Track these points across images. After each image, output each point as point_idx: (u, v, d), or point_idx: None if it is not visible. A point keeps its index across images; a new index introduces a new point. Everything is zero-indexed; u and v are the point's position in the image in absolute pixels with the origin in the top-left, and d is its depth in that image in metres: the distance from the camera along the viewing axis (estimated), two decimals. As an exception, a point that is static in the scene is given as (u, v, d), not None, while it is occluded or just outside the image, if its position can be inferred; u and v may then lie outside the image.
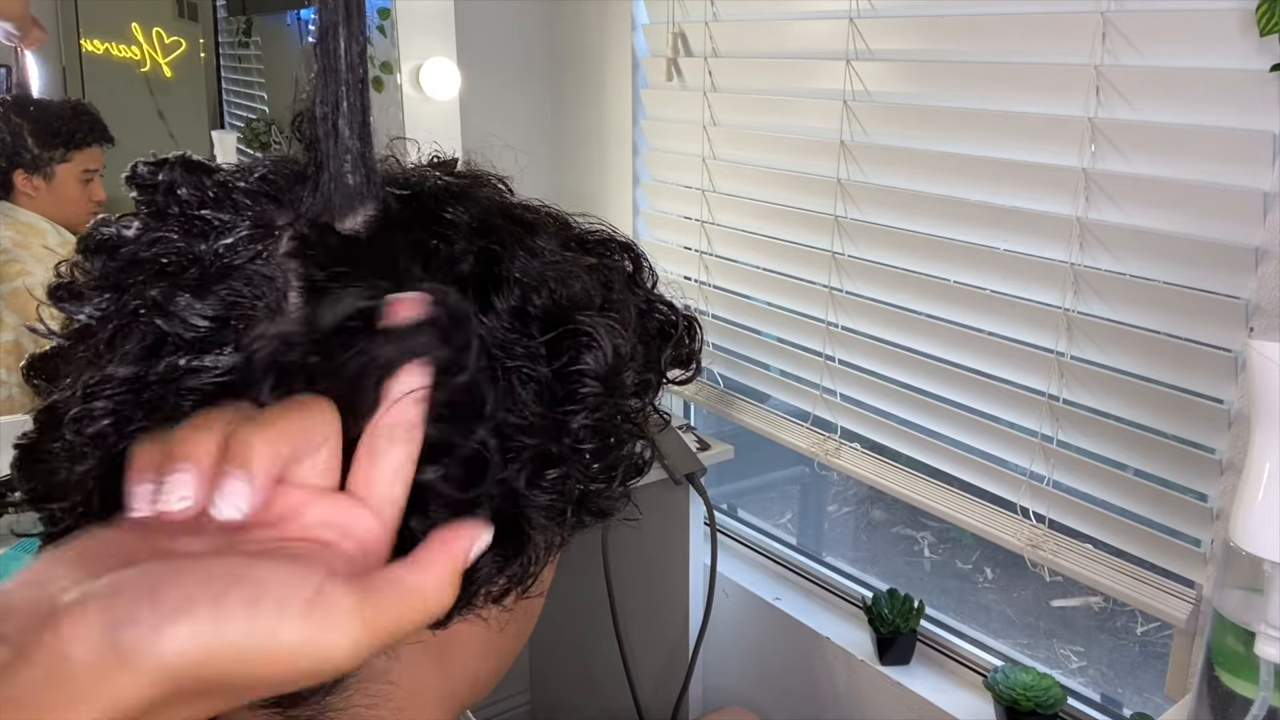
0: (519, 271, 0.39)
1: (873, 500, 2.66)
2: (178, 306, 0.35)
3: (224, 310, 0.35)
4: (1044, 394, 1.21)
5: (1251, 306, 1.01)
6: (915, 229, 1.35)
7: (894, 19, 1.35)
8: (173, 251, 0.36)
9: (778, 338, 1.65)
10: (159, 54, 1.66)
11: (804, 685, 1.67)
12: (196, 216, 0.36)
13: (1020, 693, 1.28)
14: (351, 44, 0.36)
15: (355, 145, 0.36)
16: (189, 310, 0.35)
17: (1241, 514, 0.70)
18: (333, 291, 0.35)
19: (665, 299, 0.46)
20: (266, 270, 0.35)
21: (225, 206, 0.36)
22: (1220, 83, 1.01)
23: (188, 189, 0.37)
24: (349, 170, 0.37)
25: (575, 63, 1.95)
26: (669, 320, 0.45)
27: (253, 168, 0.38)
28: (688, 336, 0.46)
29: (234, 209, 0.36)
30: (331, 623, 0.28)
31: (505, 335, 0.37)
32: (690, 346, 0.46)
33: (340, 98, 0.36)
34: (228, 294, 0.35)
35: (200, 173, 0.37)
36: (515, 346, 0.38)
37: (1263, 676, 0.69)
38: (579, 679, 2.11)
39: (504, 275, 0.38)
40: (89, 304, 0.36)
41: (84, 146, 1.56)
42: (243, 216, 0.36)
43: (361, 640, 0.28)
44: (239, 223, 0.36)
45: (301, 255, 0.36)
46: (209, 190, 0.37)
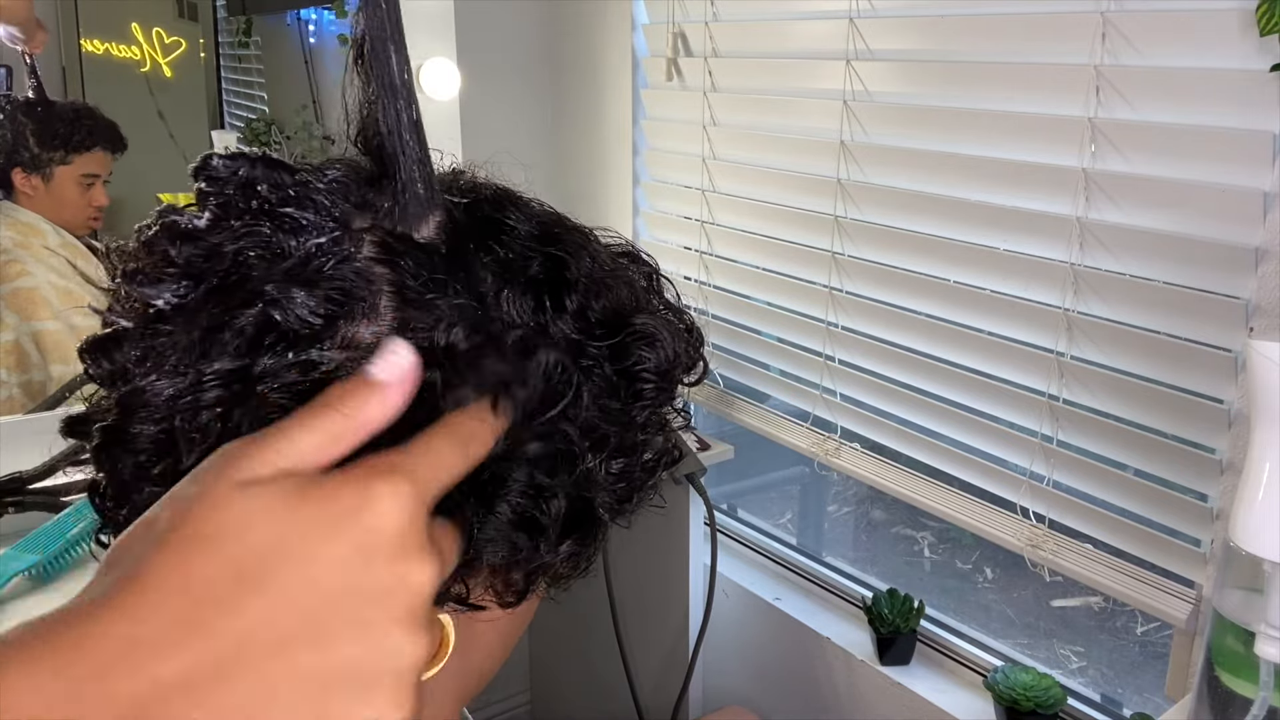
0: (584, 276, 0.41)
1: (873, 500, 2.66)
2: (294, 301, 0.35)
3: (333, 308, 0.36)
4: (1044, 394, 1.21)
5: (1251, 306, 1.01)
6: (915, 229, 1.35)
7: (894, 19, 1.35)
8: (261, 244, 0.36)
9: (778, 338, 1.65)
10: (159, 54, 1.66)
11: (804, 685, 1.67)
12: (281, 214, 0.37)
13: (1020, 693, 1.28)
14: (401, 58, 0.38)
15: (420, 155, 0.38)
16: (304, 307, 0.35)
17: (1241, 514, 0.70)
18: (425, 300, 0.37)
19: (677, 307, 0.48)
20: (365, 274, 0.37)
21: (307, 206, 0.37)
22: (1220, 83, 1.01)
23: (268, 186, 0.37)
24: (419, 180, 0.38)
25: (575, 63, 1.95)
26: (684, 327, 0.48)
27: (324, 169, 0.39)
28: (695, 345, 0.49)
29: (315, 209, 0.37)
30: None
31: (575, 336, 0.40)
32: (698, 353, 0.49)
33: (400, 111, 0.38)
34: (336, 293, 0.36)
35: (281, 170, 0.38)
36: (587, 346, 0.41)
37: (1263, 676, 0.69)
38: (579, 679, 2.11)
39: (570, 280, 0.41)
40: (167, 289, 0.36)
41: (83, 150, 1.55)
42: (325, 217, 0.37)
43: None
44: (324, 223, 0.37)
45: (389, 263, 0.37)
46: (289, 189, 0.37)
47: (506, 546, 0.40)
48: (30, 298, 1.48)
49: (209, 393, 0.35)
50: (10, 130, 1.52)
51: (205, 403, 0.35)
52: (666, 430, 0.47)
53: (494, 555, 0.40)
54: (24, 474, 1.23)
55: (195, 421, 0.35)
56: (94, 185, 1.55)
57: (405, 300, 0.37)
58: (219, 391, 0.35)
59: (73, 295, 1.50)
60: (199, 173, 0.38)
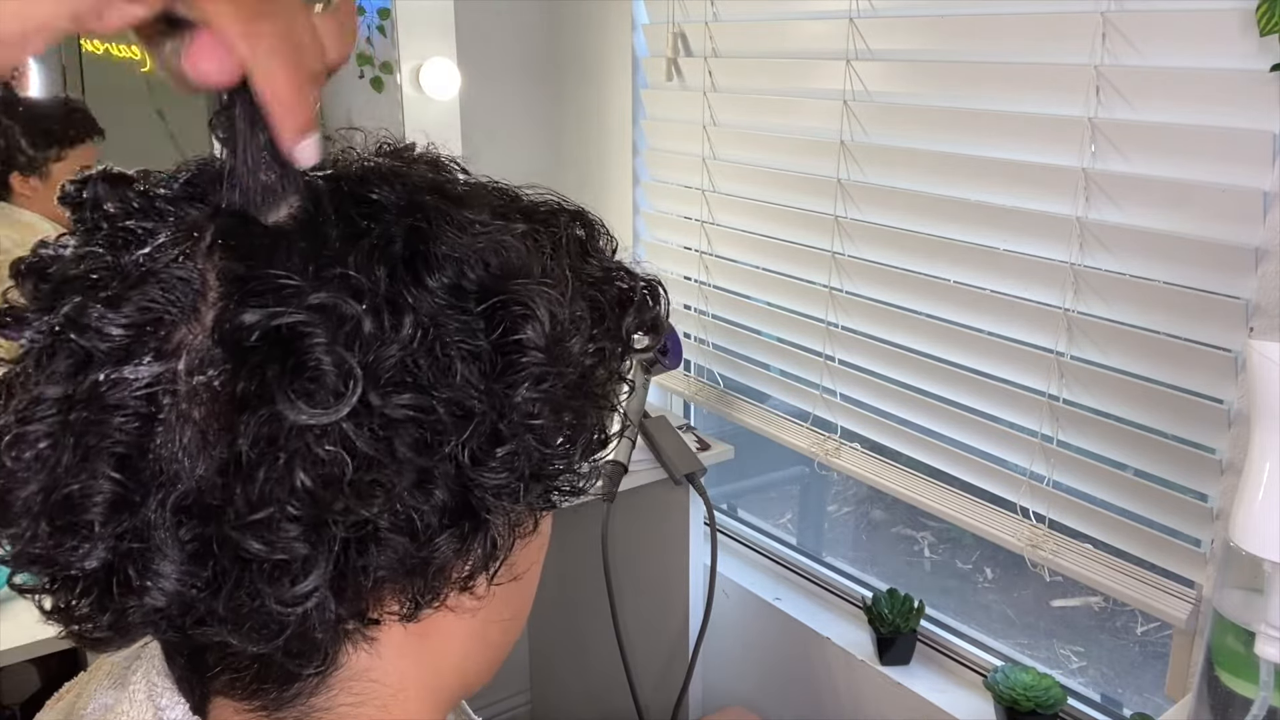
0: (447, 247, 0.38)
1: (873, 500, 2.66)
2: (90, 319, 0.34)
3: (139, 317, 0.34)
4: (1044, 394, 1.21)
5: (1251, 306, 1.01)
6: (915, 229, 1.35)
7: (894, 19, 1.35)
8: (101, 266, 0.35)
9: (778, 338, 1.65)
10: (159, 54, 1.66)
11: (804, 685, 1.67)
12: (122, 228, 0.36)
13: (1020, 693, 1.28)
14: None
15: (264, 139, 0.36)
16: (102, 321, 0.34)
17: (1241, 514, 0.70)
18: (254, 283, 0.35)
19: (624, 265, 0.45)
20: (183, 273, 0.35)
21: (150, 215, 0.36)
22: (1220, 83, 1.01)
23: (112, 202, 0.36)
24: (264, 164, 0.37)
25: (575, 63, 1.95)
26: (629, 287, 0.44)
27: (177, 173, 0.38)
28: (651, 300, 0.45)
29: (158, 216, 0.36)
30: None
31: (440, 311, 0.37)
32: (654, 311, 0.45)
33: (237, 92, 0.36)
34: (142, 300, 0.34)
35: (122, 184, 0.37)
36: (450, 322, 0.37)
37: (1263, 676, 0.69)
38: (579, 679, 2.11)
39: (432, 252, 0.38)
40: (30, 328, 0.35)
41: (77, 144, 1.55)
42: (165, 222, 0.36)
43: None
44: (160, 229, 0.36)
45: (221, 251, 0.35)
46: (132, 201, 0.36)
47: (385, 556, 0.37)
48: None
49: (32, 425, 0.34)
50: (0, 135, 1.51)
51: (29, 436, 0.34)
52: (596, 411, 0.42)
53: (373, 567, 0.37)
54: None
55: (22, 457, 0.34)
56: None
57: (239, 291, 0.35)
58: (40, 424, 0.34)
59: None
60: (60, 201, 0.37)
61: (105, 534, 0.34)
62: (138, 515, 0.34)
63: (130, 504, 0.34)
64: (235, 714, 0.41)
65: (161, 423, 0.34)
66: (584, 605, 1.95)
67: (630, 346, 0.45)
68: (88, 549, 0.34)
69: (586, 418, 0.42)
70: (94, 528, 0.34)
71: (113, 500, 0.34)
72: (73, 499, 0.34)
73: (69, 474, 0.34)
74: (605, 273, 0.44)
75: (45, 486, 0.34)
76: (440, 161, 0.44)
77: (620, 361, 0.44)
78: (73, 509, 0.34)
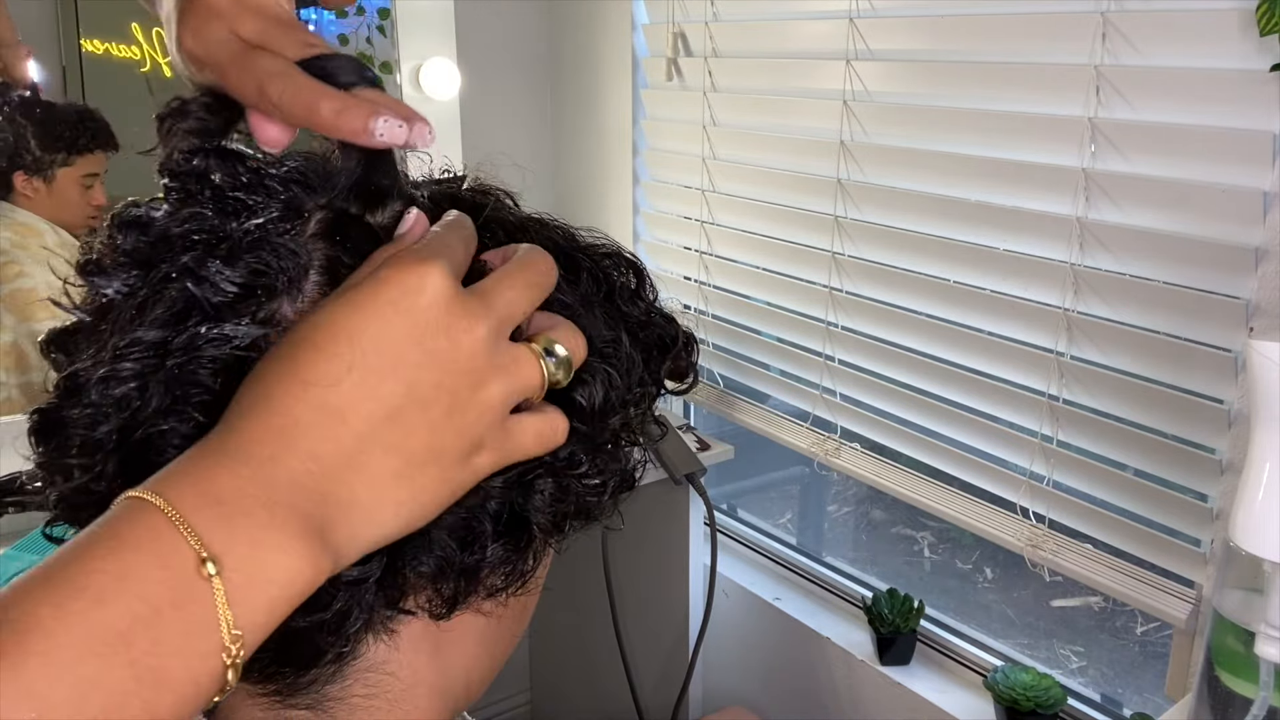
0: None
1: (873, 500, 2.66)
2: (209, 271, 0.36)
3: (250, 279, 0.36)
4: (1044, 394, 1.21)
5: (1251, 306, 1.01)
6: (915, 229, 1.35)
7: (894, 19, 1.35)
8: (206, 228, 0.37)
9: (778, 338, 1.65)
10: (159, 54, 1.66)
11: (804, 685, 1.67)
12: (230, 198, 0.38)
13: (1020, 693, 1.28)
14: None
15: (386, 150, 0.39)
16: (219, 275, 0.36)
17: (1241, 514, 0.70)
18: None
19: (665, 313, 0.47)
20: (294, 246, 0.37)
21: (258, 190, 0.38)
22: (1220, 83, 1.01)
23: (221, 174, 0.38)
24: (380, 169, 0.39)
25: (575, 63, 1.95)
26: (667, 334, 0.47)
27: (284, 159, 0.39)
28: (685, 351, 0.48)
29: (266, 193, 0.38)
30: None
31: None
32: (688, 360, 0.48)
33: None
34: (255, 263, 0.36)
35: (234, 159, 0.39)
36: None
37: (1263, 676, 0.69)
38: (579, 679, 2.11)
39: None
40: (117, 279, 0.37)
41: (86, 152, 1.55)
42: (274, 200, 0.38)
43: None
44: (271, 204, 0.38)
45: (329, 238, 0.38)
46: (241, 176, 0.38)
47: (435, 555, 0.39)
48: (28, 299, 1.48)
49: (124, 364, 0.36)
50: (10, 132, 1.51)
51: (121, 373, 0.36)
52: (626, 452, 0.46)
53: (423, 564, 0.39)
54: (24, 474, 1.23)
55: (111, 393, 0.36)
56: (93, 186, 1.56)
57: (338, 278, 0.37)
58: (133, 363, 0.36)
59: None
60: (161, 169, 0.39)
61: None
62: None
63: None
64: (248, 698, 0.42)
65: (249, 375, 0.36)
66: (584, 605, 1.95)
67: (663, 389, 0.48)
68: None
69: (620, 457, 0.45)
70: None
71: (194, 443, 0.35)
72: (153, 440, 0.36)
73: (156, 415, 0.36)
74: (649, 317, 0.46)
75: (126, 425, 0.36)
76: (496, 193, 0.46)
77: (653, 403, 0.47)
78: (152, 449, 0.36)
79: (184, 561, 0.29)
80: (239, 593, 0.30)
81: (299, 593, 0.32)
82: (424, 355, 0.34)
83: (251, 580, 0.30)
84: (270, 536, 0.31)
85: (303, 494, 0.32)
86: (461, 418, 0.35)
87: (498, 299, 0.36)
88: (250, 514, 0.31)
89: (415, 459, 0.35)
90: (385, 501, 0.34)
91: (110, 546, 0.29)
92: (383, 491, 0.34)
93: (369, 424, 0.33)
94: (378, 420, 0.34)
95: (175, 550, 0.29)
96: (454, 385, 0.35)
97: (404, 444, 0.34)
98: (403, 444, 0.34)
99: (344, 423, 0.33)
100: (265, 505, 0.31)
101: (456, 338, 0.35)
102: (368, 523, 0.34)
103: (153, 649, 0.28)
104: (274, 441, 0.32)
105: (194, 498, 0.30)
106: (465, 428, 0.36)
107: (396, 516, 0.35)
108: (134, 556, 0.29)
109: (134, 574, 0.29)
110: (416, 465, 0.35)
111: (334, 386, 0.33)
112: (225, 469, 0.31)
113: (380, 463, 0.34)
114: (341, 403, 0.33)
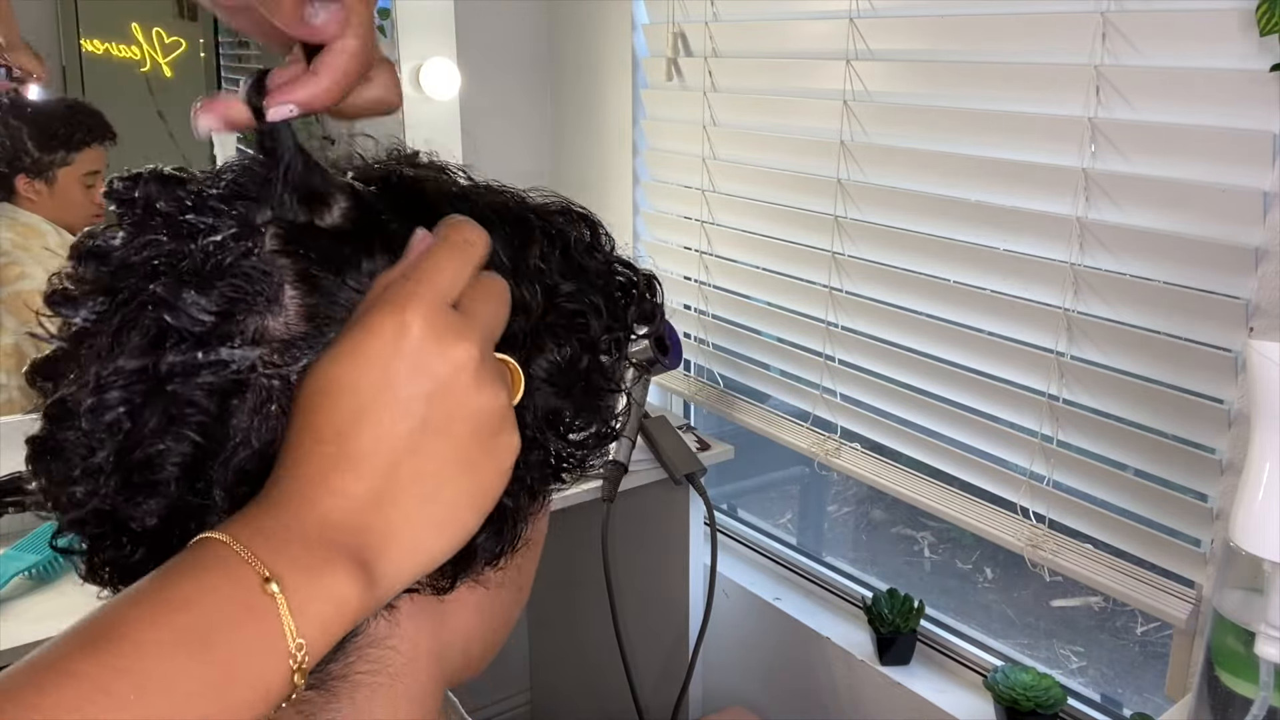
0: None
1: (873, 500, 2.66)
2: (184, 302, 0.37)
3: (226, 305, 0.37)
4: (1044, 394, 1.21)
5: (1251, 306, 1.01)
6: (915, 229, 1.35)
7: (894, 19, 1.35)
8: (164, 253, 0.38)
9: (778, 338, 1.65)
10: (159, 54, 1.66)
11: (804, 685, 1.67)
12: (181, 222, 0.39)
13: (1020, 693, 1.28)
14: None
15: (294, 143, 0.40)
16: (194, 306, 0.37)
17: (1241, 514, 0.70)
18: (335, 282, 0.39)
19: (624, 260, 0.49)
20: (261, 265, 0.38)
21: (205, 211, 0.39)
22: (1220, 83, 1.01)
23: (165, 200, 0.39)
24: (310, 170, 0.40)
25: (575, 63, 1.95)
26: (630, 280, 0.48)
27: (220, 174, 0.40)
28: (649, 292, 0.49)
29: (214, 213, 0.39)
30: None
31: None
32: (652, 301, 0.49)
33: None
34: (229, 289, 0.37)
35: (174, 184, 0.40)
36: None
37: (1263, 676, 0.69)
38: (579, 679, 2.11)
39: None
40: (84, 308, 0.39)
41: (84, 147, 1.55)
42: (224, 218, 0.39)
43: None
44: (223, 223, 0.39)
45: (292, 252, 0.39)
46: (186, 199, 0.39)
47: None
48: (30, 300, 1.47)
49: (110, 392, 0.37)
50: (6, 136, 1.51)
51: (108, 402, 0.37)
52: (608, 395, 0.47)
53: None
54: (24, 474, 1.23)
55: (101, 421, 0.37)
56: (96, 183, 1.56)
57: (314, 287, 0.38)
58: (119, 391, 0.37)
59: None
60: (106, 196, 0.40)
61: (174, 491, 0.38)
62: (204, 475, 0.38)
63: (203, 466, 0.38)
64: None
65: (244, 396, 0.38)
66: (584, 605, 1.95)
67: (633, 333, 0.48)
68: (154, 504, 0.38)
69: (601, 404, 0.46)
70: (168, 485, 0.38)
71: (190, 462, 0.38)
72: (152, 459, 0.37)
73: (152, 436, 0.37)
74: (609, 267, 0.47)
75: (122, 447, 0.37)
76: (446, 167, 0.47)
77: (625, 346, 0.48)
78: (150, 468, 0.38)
79: (250, 581, 0.32)
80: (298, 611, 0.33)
81: (351, 614, 0.34)
82: (428, 387, 0.36)
83: (307, 600, 0.33)
84: (316, 565, 0.34)
85: (341, 530, 0.35)
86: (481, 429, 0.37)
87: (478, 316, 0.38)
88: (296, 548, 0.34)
89: (445, 480, 0.37)
90: (423, 526, 0.36)
91: (185, 572, 0.33)
92: (418, 517, 0.36)
93: (390, 460, 0.35)
94: (400, 455, 0.36)
95: (242, 573, 0.33)
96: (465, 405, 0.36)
97: (431, 471, 0.36)
98: (429, 471, 0.36)
99: (365, 464, 0.35)
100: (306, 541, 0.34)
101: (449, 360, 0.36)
102: (411, 549, 0.36)
103: (228, 651, 0.32)
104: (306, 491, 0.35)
105: (249, 536, 0.34)
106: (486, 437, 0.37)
107: (440, 536, 0.37)
108: (208, 576, 0.33)
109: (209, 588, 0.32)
110: (447, 485, 0.36)
111: (346, 437, 0.35)
112: (270, 515, 0.35)
113: (410, 492, 0.36)
114: (358, 450, 0.35)
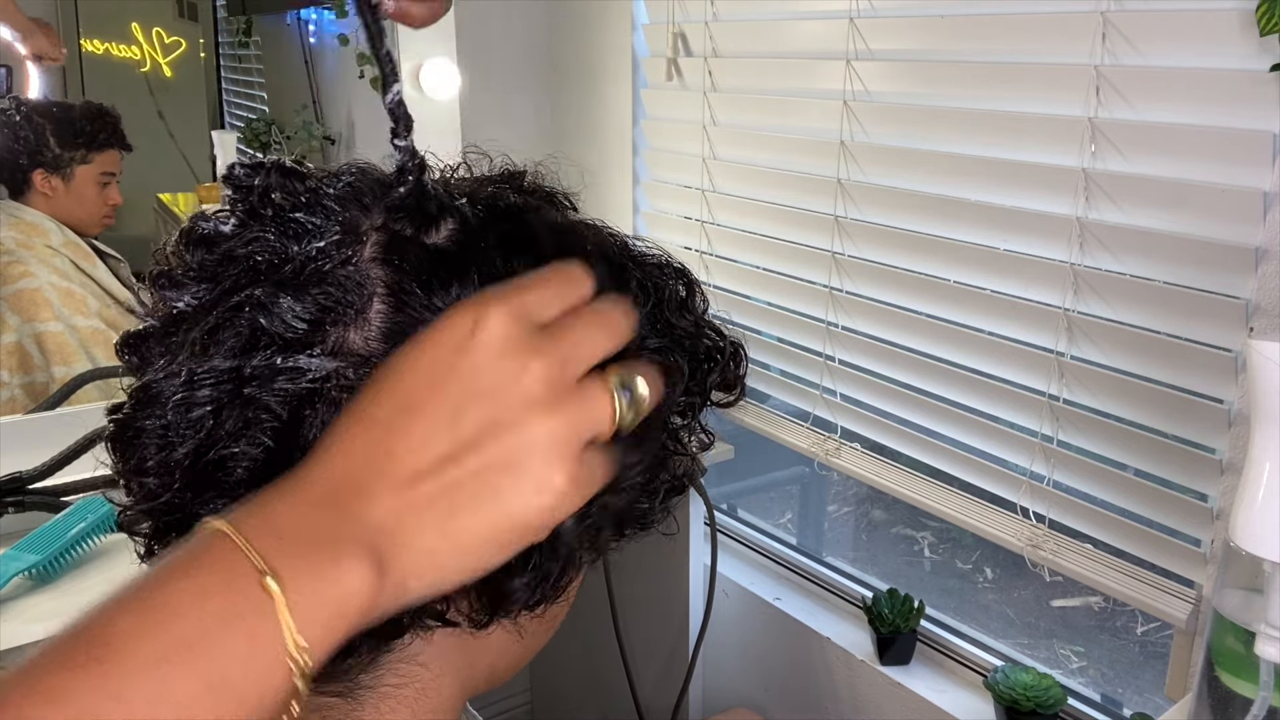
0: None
1: (873, 500, 2.66)
2: (280, 307, 0.37)
3: (318, 314, 0.38)
4: (1044, 394, 1.21)
5: (1251, 306, 1.01)
6: (915, 229, 1.35)
7: (894, 19, 1.35)
8: (267, 250, 0.39)
9: (778, 338, 1.65)
10: (159, 54, 1.66)
11: (804, 685, 1.67)
12: (291, 219, 0.39)
13: (1020, 693, 1.28)
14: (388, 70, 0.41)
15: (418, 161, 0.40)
16: (289, 312, 0.37)
17: (1241, 514, 0.69)
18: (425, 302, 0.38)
19: (714, 324, 0.48)
20: (357, 276, 0.38)
21: (316, 211, 0.39)
22: (1220, 83, 1.01)
23: (282, 193, 0.39)
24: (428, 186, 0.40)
25: (575, 63, 1.95)
26: (716, 345, 0.47)
27: (339, 174, 0.41)
28: (733, 363, 0.48)
29: (324, 214, 0.39)
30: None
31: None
32: (735, 372, 0.48)
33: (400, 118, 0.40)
34: (322, 297, 0.38)
35: (294, 178, 0.40)
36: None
37: (1263, 676, 0.69)
38: (579, 679, 2.11)
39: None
40: (187, 292, 0.39)
41: (104, 149, 1.57)
42: (332, 221, 0.39)
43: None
44: (329, 227, 0.39)
45: (390, 264, 0.39)
46: (301, 195, 0.40)
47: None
48: (33, 299, 1.48)
49: (200, 390, 0.37)
50: (29, 131, 1.53)
51: (198, 400, 0.37)
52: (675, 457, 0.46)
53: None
54: (24, 474, 1.23)
55: (188, 416, 0.37)
56: (110, 184, 1.57)
57: (402, 305, 0.38)
58: (209, 390, 0.37)
59: (74, 296, 1.50)
60: (225, 180, 0.40)
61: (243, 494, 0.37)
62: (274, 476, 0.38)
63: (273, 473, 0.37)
64: None
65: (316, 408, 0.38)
66: (584, 605, 1.94)
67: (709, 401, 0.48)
68: (224, 504, 0.38)
69: (666, 467, 0.46)
70: (239, 488, 0.38)
71: (262, 465, 0.38)
72: (226, 461, 0.38)
73: (229, 438, 0.38)
74: (698, 328, 0.47)
75: (200, 446, 0.38)
76: (554, 194, 0.48)
77: (699, 413, 0.47)
78: (225, 469, 0.38)
79: (248, 579, 0.31)
80: (299, 609, 0.32)
81: (357, 613, 0.33)
82: (477, 392, 0.34)
83: (310, 598, 0.32)
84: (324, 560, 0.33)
85: (357, 526, 0.33)
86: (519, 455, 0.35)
87: (565, 337, 0.36)
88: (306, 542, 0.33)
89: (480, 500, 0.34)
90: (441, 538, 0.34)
91: (186, 569, 0.32)
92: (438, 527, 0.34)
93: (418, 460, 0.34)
94: (429, 458, 0.34)
95: (239, 569, 0.31)
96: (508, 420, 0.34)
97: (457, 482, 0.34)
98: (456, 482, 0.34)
99: (394, 460, 0.34)
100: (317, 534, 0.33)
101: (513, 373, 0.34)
102: (429, 562, 0.35)
103: (220, 659, 0.30)
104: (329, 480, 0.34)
105: (258, 527, 0.33)
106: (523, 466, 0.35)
107: (457, 557, 0.35)
108: (207, 576, 0.31)
109: (205, 591, 0.31)
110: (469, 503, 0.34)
111: (387, 427, 0.34)
112: (286, 504, 0.34)
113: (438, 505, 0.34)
114: (393, 442, 0.34)
